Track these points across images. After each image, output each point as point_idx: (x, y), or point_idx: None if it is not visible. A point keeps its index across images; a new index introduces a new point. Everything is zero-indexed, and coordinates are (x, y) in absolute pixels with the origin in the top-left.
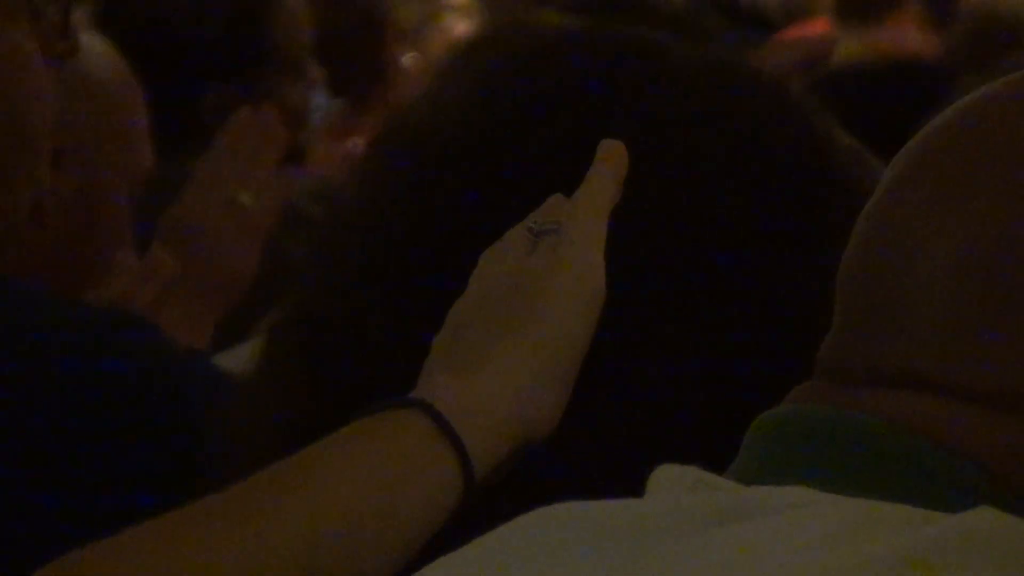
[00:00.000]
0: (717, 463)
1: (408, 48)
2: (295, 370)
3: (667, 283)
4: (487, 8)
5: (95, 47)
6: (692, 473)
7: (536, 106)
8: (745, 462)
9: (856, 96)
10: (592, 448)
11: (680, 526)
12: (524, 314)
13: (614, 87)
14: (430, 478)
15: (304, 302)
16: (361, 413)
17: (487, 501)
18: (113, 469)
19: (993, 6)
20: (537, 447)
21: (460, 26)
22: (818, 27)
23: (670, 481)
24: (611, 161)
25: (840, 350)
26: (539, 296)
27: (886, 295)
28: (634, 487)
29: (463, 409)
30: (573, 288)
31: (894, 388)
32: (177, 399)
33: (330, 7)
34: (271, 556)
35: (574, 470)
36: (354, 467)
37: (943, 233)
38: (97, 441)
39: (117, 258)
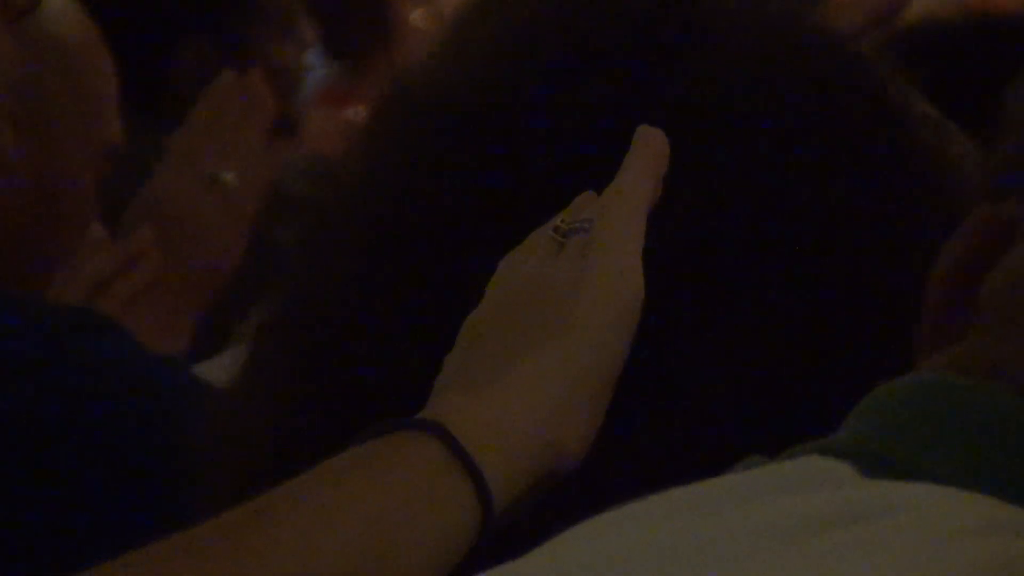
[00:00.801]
0: None
1: (416, 3)
2: (286, 379)
3: (720, 285)
4: None
5: (57, 2)
6: (803, 466)
7: (590, 57)
8: (865, 433)
9: (936, 57)
10: (630, 477)
11: (800, 528)
12: (550, 325)
13: (685, 34)
14: (443, 512)
15: (296, 299)
16: (362, 436)
17: (508, 535)
18: (75, 497)
19: None
20: (566, 475)
21: None
22: None
23: (775, 476)
24: (649, 150)
25: (996, 359)
26: (567, 304)
27: None
28: None
29: (481, 432)
30: (606, 295)
31: None
32: (148, 415)
33: None
34: None
35: (608, 501)
36: (354, 501)
37: None
38: (55, 465)
39: (88, 234)
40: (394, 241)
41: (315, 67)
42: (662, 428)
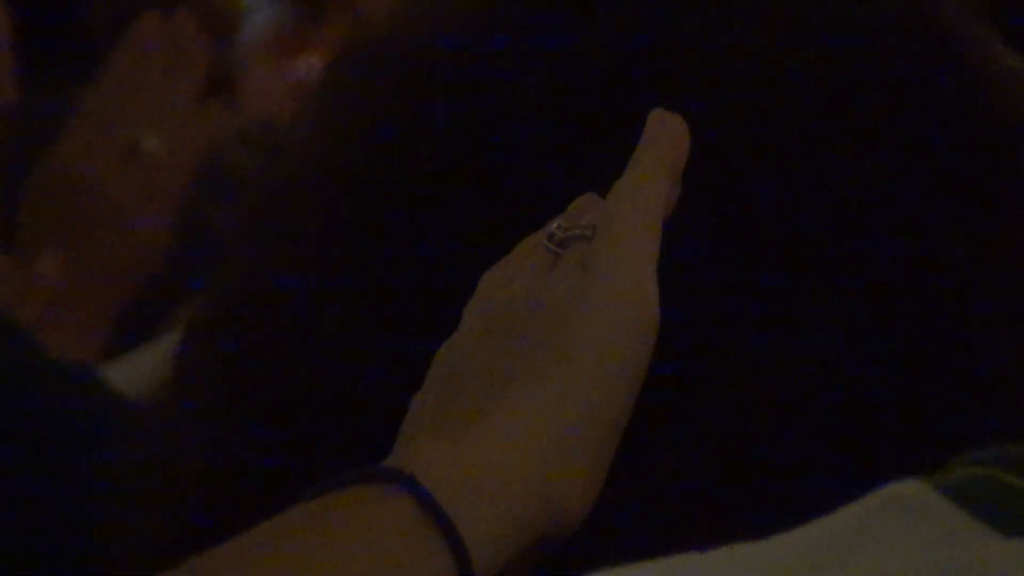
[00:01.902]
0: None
1: None
2: (219, 390)
3: (762, 295)
4: None
5: None
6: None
7: None
8: None
9: None
10: (643, 537)
11: None
12: (544, 354)
13: None
14: None
15: (234, 291)
16: (317, 488)
17: None
18: None
19: None
20: (565, 538)
21: None
22: None
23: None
24: (665, 140)
25: None
26: (566, 328)
27: None
28: None
29: (460, 486)
30: (614, 317)
31: None
32: (50, 431)
33: None
34: None
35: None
36: (308, 569)
37: None
38: None
39: None
40: (356, 225)
41: (257, 9)
42: (682, 475)
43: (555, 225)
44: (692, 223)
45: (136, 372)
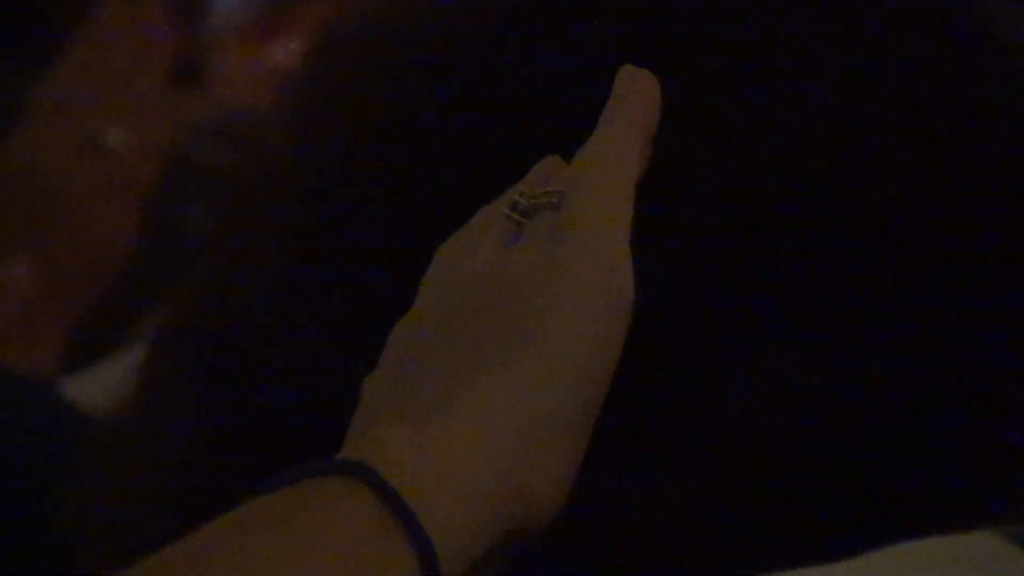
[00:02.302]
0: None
1: None
2: (188, 400)
3: (780, 304)
4: None
5: None
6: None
7: None
8: None
9: None
10: (618, 535)
11: None
12: (511, 333)
13: None
14: None
15: (205, 296)
16: (271, 482)
17: None
18: None
19: None
20: (540, 531)
21: None
22: None
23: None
24: (636, 99)
25: None
26: (534, 305)
27: None
28: None
29: (423, 478)
30: (587, 291)
31: None
32: (7, 449)
33: None
34: None
35: (591, 567)
36: (263, 569)
37: None
38: None
39: None
40: (335, 222)
41: None
42: (662, 463)
43: (518, 192)
44: (707, 226)
45: (101, 385)
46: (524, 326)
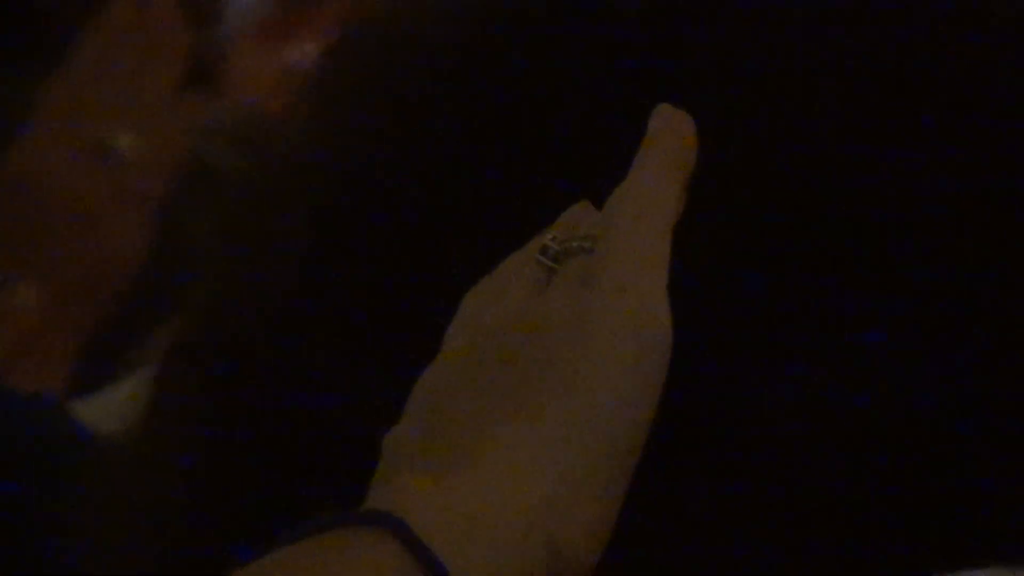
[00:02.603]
0: None
1: None
2: (200, 414)
3: (805, 315)
4: None
5: None
6: None
7: None
8: None
9: None
10: (641, 546)
11: None
12: (544, 380)
13: None
14: None
15: (219, 309)
16: (294, 533)
17: None
18: None
19: None
20: None
21: None
22: None
23: None
24: (672, 139)
25: None
26: (567, 351)
27: None
28: None
29: (451, 529)
30: (621, 337)
31: None
32: (15, 469)
33: None
34: None
35: None
36: None
37: None
38: None
39: None
40: (354, 230)
41: None
42: (721, 513)
43: (549, 237)
44: (728, 235)
45: (110, 406)
46: (554, 372)
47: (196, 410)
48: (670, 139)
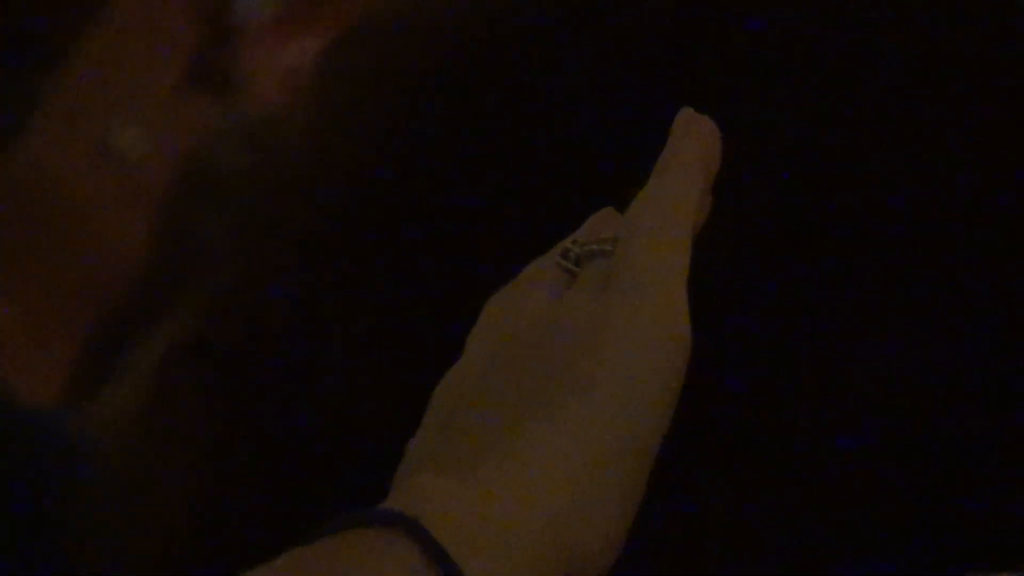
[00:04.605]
0: None
1: None
2: (206, 425)
3: (824, 315)
4: None
5: None
6: None
7: None
8: None
9: None
10: (667, 555)
11: None
12: (563, 383)
13: None
14: None
15: (217, 309)
16: (312, 533)
17: None
18: None
19: None
20: None
21: None
22: None
23: None
24: (695, 144)
25: None
26: (586, 354)
27: None
28: None
29: (468, 531)
30: (640, 339)
31: None
32: (18, 482)
33: None
34: None
35: None
36: None
37: None
38: None
39: None
40: (356, 229)
41: None
42: (739, 514)
43: (570, 240)
44: (746, 241)
45: (106, 414)
46: (573, 375)
47: (199, 410)
48: (693, 143)
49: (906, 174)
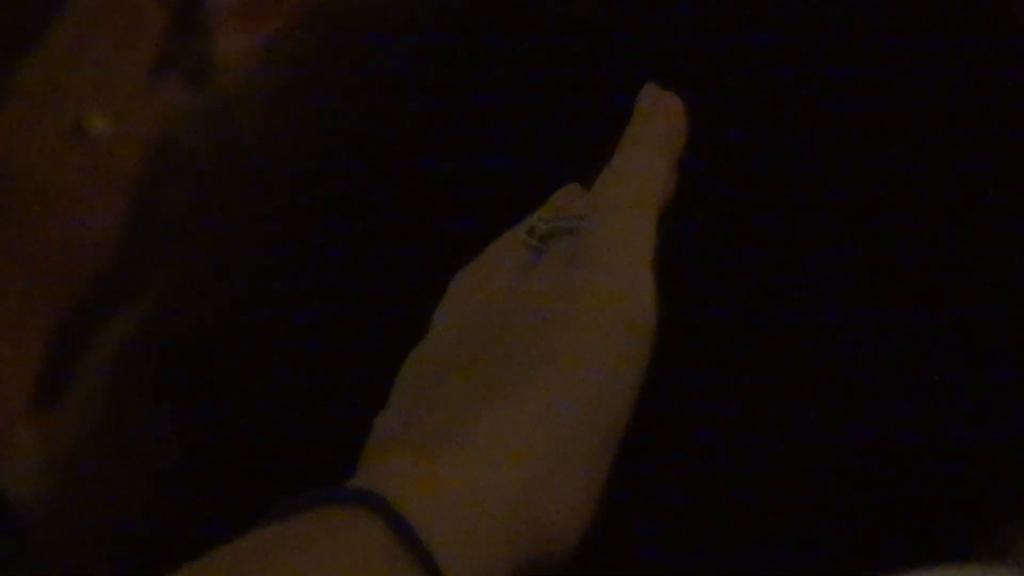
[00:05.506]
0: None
1: None
2: (161, 415)
3: (779, 297)
4: None
5: None
6: None
7: None
8: None
9: None
10: (620, 544)
11: None
12: (527, 360)
13: None
14: None
15: (177, 295)
16: (277, 511)
17: None
18: None
19: None
20: (558, 563)
21: None
22: None
23: None
24: (661, 121)
25: None
26: (551, 330)
27: None
28: None
29: (433, 508)
30: (605, 315)
31: None
32: None
33: None
34: None
35: None
36: None
37: None
38: None
39: None
40: (331, 210)
41: None
42: (685, 495)
43: (535, 218)
44: (704, 217)
45: (26, 468)
46: (538, 350)
47: (159, 394)
48: (658, 119)
49: (871, 156)
